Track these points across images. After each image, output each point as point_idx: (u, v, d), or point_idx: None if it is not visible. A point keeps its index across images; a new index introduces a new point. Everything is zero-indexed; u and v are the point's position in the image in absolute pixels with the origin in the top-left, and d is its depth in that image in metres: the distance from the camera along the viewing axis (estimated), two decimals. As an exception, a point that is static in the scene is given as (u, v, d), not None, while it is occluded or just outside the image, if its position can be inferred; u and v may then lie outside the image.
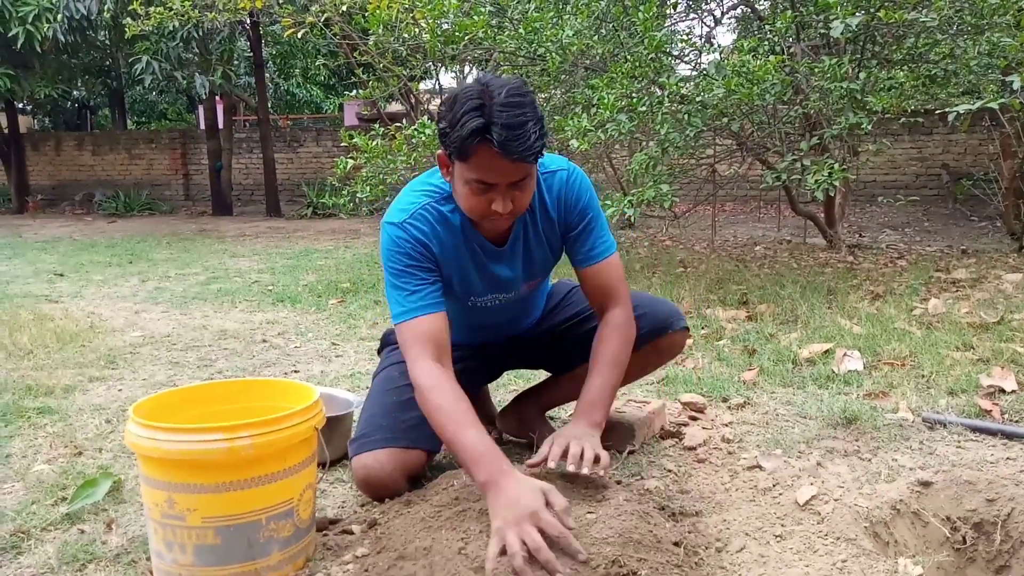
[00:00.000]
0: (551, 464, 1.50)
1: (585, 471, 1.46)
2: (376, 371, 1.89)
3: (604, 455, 1.50)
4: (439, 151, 1.51)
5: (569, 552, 1.22)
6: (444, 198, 1.59)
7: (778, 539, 1.42)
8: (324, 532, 1.51)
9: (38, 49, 9.15)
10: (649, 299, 1.87)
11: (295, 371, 2.82)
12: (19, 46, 8.95)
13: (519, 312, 1.86)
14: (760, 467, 1.76)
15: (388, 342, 1.94)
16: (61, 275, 5.40)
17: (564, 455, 1.49)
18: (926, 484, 1.59)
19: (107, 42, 10.55)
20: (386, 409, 1.69)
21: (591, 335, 1.70)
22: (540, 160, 1.65)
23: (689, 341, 2.98)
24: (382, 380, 1.80)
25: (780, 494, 1.61)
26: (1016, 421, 2.06)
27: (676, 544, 1.35)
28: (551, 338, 1.91)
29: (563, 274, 2.23)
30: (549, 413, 2.09)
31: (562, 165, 1.68)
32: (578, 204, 1.67)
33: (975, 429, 1.98)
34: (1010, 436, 1.93)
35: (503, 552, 1.21)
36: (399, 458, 1.62)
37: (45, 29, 8.88)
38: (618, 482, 1.68)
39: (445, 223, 1.58)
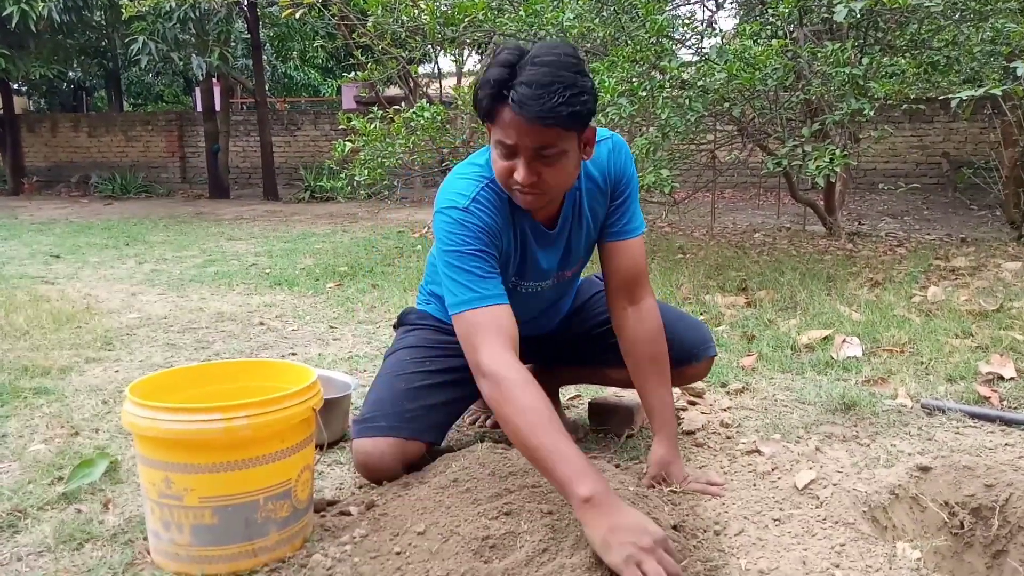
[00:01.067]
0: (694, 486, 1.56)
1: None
2: (389, 350, 1.82)
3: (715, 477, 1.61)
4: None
5: None
6: (493, 180, 1.48)
7: (776, 523, 1.42)
8: (322, 513, 1.51)
9: (33, 29, 9.06)
10: (678, 320, 1.75)
11: (292, 354, 2.81)
12: (13, 25, 8.86)
13: (552, 303, 1.77)
14: (759, 452, 1.76)
15: (405, 321, 1.86)
16: (57, 257, 5.37)
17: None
18: (925, 469, 1.59)
19: (103, 22, 10.45)
20: (393, 395, 1.66)
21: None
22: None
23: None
24: (393, 363, 1.75)
25: (779, 478, 1.61)
26: (1015, 408, 2.06)
27: (674, 527, 1.35)
28: (581, 340, 1.83)
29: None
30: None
31: (604, 134, 1.58)
32: (624, 173, 1.58)
33: (974, 415, 1.98)
34: (1008, 422, 1.93)
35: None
36: (400, 448, 1.61)
37: (40, 8, 8.78)
38: (616, 465, 1.68)
39: (502, 203, 1.49)
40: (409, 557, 1.26)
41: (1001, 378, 2.26)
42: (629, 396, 1.98)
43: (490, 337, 1.37)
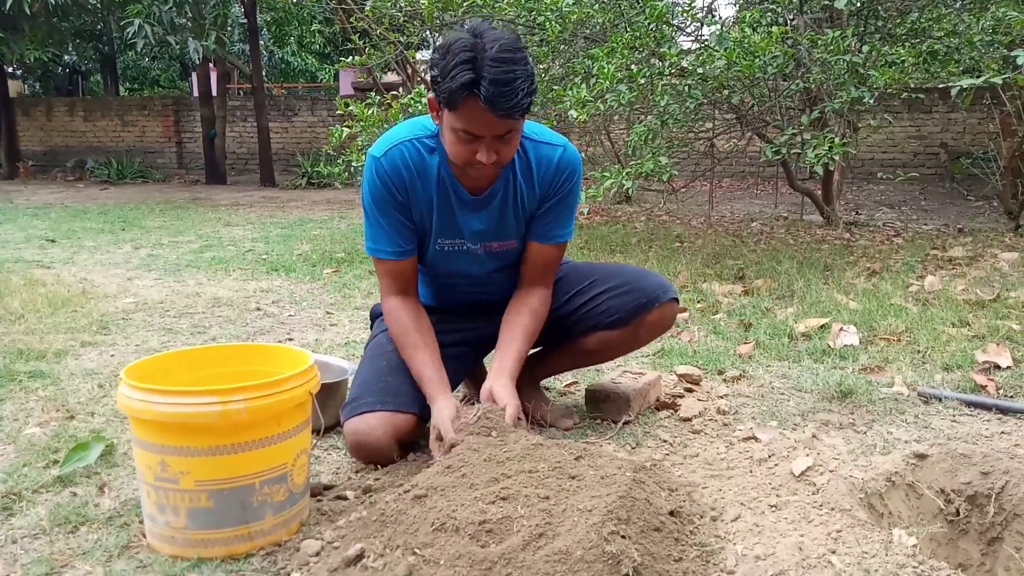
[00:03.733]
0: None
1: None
2: (368, 340, 1.89)
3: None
4: (430, 95, 1.55)
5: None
6: (430, 137, 1.64)
7: (773, 509, 1.42)
8: (319, 498, 1.50)
9: (27, 11, 8.97)
10: (635, 274, 1.84)
11: (289, 339, 2.81)
12: (8, 8, 8.77)
13: (488, 273, 1.80)
14: (755, 438, 1.76)
15: (377, 314, 1.93)
16: (53, 241, 5.35)
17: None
18: (921, 457, 1.60)
19: (98, 5, 10.36)
20: (376, 374, 1.70)
21: (592, 308, 1.77)
22: (540, 131, 1.69)
23: (684, 315, 2.97)
24: (373, 347, 1.81)
25: (775, 465, 1.61)
26: (1011, 396, 2.07)
27: (671, 513, 1.35)
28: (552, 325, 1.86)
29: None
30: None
31: (560, 142, 1.71)
32: (562, 183, 1.70)
33: (970, 404, 1.99)
34: (1004, 411, 1.94)
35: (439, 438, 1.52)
36: (389, 422, 1.62)
37: (35, -10, 8.70)
38: (609, 451, 1.68)
39: (423, 162, 1.63)
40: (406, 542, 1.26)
41: (997, 367, 2.26)
42: (626, 383, 1.97)
43: (384, 283, 1.70)
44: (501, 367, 1.66)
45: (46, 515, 1.43)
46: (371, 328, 1.98)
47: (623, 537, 1.21)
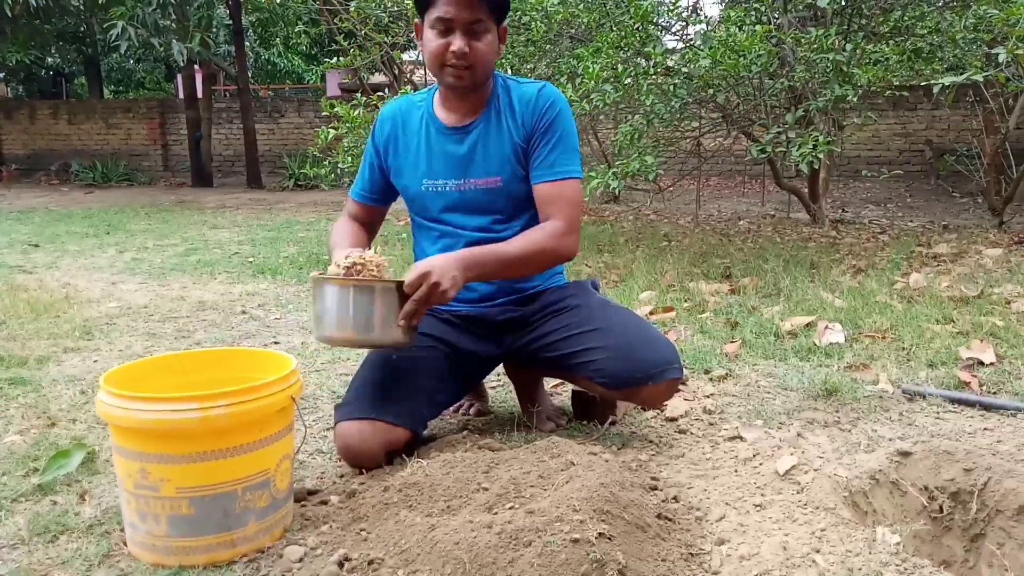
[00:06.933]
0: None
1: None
2: None
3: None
4: (415, 21, 1.72)
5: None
6: (426, 92, 1.84)
7: (758, 508, 1.42)
8: (302, 503, 1.49)
9: (9, 14, 8.88)
10: (639, 337, 1.68)
11: (275, 342, 2.79)
12: (-11, 10, 8.69)
13: (484, 213, 1.75)
14: (741, 438, 1.77)
15: None
16: (36, 245, 5.30)
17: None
18: (905, 454, 1.60)
19: (81, 7, 10.26)
20: (377, 381, 1.68)
21: (586, 360, 1.67)
22: (522, 79, 1.80)
23: (670, 314, 2.97)
24: (379, 351, 1.76)
25: (760, 464, 1.61)
26: (994, 393, 2.08)
27: (657, 515, 1.34)
28: (542, 360, 1.79)
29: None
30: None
31: (541, 84, 1.77)
32: (545, 114, 1.71)
33: (954, 400, 2.00)
34: (988, 407, 1.95)
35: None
36: (382, 434, 1.61)
37: (16, -8, 8.61)
38: (595, 453, 1.68)
39: (410, 110, 1.82)
40: (390, 547, 1.25)
41: (981, 363, 2.27)
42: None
43: (344, 212, 1.93)
44: (462, 249, 1.65)
45: (25, 524, 1.41)
46: None
47: (608, 538, 1.20)
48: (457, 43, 1.62)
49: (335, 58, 5.23)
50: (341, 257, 1.57)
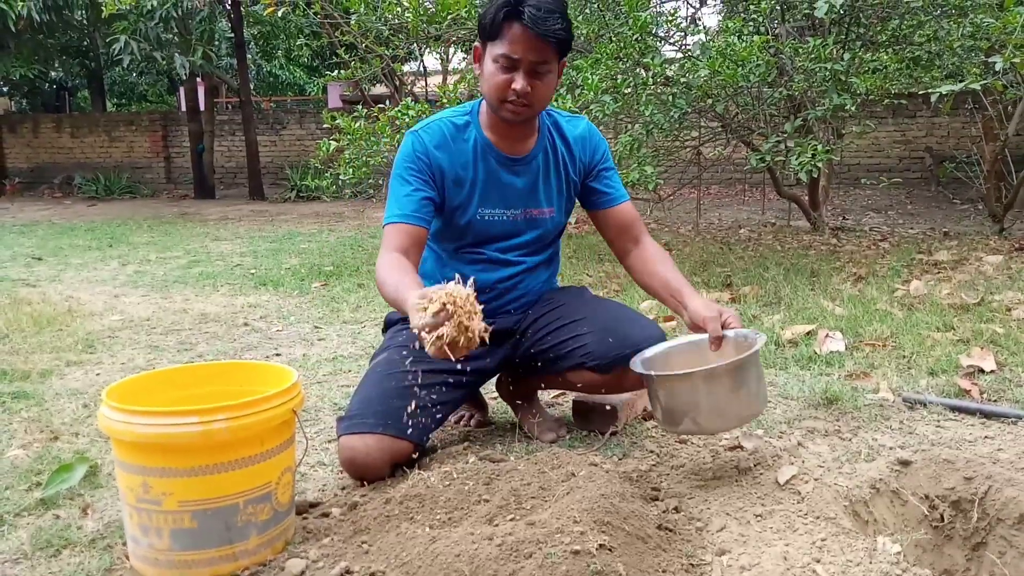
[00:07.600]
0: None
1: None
2: (377, 351, 1.86)
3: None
4: (475, 44, 1.71)
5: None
6: (464, 114, 1.78)
7: (758, 518, 1.42)
8: (304, 515, 1.50)
9: (12, 28, 8.96)
10: (625, 319, 1.77)
11: (277, 354, 2.80)
12: (-7, 25, 8.77)
13: (521, 247, 1.82)
14: (741, 447, 1.77)
15: (392, 322, 1.93)
16: (39, 259, 5.32)
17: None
18: (905, 463, 1.60)
19: (84, 21, 10.35)
20: (382, 394, 1.67)
21: (576, 347, 1.75)
22: (561, 113, 1.85)
23: (671, 324, 2.97)
24: (384, 363, 1.77)
25: (761, 474, 1.61)
26: (994, 400, 2.08)
27: (658, 526, 1.35)
28: (534, 358, 1.83)
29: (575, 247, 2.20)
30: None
31: (583, 120, 1.87)
32: (599, 148, 1.85)
33: (954, 409, 2.00)
34: (988, 415, 1.95)
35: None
36: (387, 448, 1.62)
37: (19, 8, 8.68)
38: (595, 463, 1.68)
39: (459, 135, 1.75)
40: (391, 560, 1.26)
41: (981, 371, 2.27)
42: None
43: (386, 243, 1.65)
44: (686, 291, 1.70)
45: (27, 539, 1.42)
46: (383, 333, 1.96)
47: (609, 550, 1.21)
48: (520, 83, 1.62)
49: (336, 70, 5.25)
50: (416, 298, 1.34)
